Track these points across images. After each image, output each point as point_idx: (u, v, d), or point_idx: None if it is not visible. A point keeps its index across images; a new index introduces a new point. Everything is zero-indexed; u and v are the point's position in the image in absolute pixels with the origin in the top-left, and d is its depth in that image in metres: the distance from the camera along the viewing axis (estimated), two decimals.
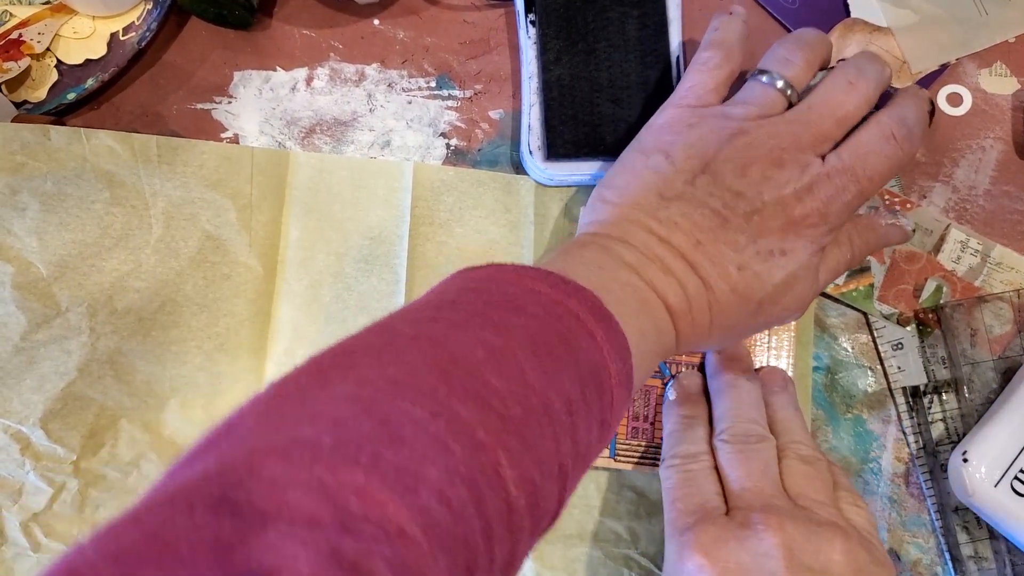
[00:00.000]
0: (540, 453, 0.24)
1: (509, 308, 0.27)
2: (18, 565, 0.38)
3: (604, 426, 0.28)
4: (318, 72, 0.43)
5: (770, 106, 0.34)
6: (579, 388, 0.26)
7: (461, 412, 0.22)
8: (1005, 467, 0.36)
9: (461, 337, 0.25)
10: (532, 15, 0.41)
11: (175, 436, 0.39)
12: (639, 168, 0.34)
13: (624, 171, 0.35)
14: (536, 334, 0.26)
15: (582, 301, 0.28)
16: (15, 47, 0.40)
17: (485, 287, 0.28)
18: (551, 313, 0.27)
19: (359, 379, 0.23)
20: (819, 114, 0.33)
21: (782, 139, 0.32)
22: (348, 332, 0.40)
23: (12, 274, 0.38)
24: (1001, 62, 0.43)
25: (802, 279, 0.32)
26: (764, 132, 0.32)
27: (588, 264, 0.31)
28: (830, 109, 0.33)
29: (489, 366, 0.24)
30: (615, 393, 0.28)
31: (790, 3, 0.43)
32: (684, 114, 0.34)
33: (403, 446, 0.21)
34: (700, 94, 0.35)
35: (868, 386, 0.41)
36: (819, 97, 0.33)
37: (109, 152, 0.40)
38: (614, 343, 0.28)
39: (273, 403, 0.22)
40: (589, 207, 0.35)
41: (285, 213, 0.41)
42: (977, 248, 0.40)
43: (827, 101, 0.33)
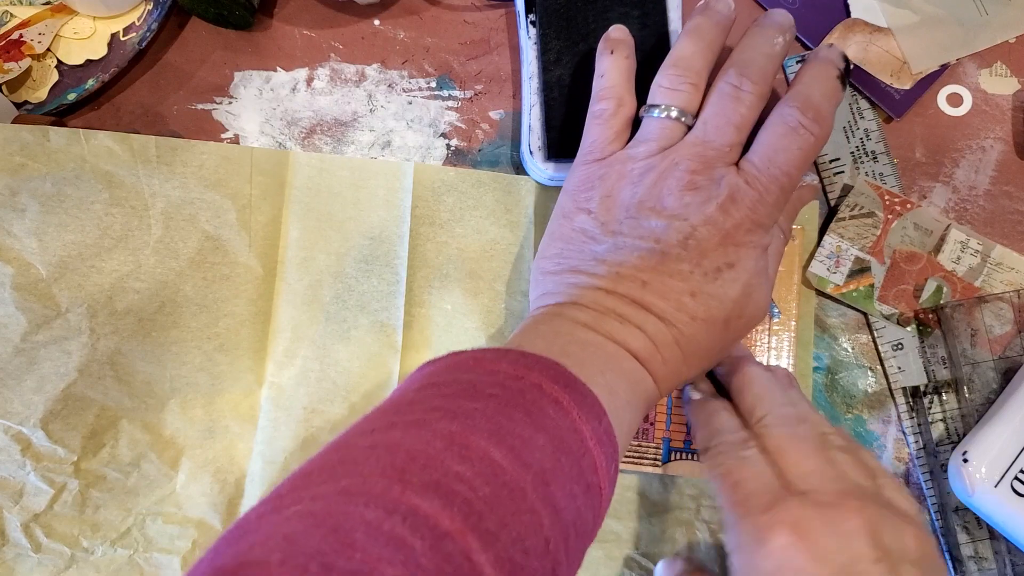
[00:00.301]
0: (519, 531, 0.23)
1: (468, 395, 0.26)
2: (19, 565, 0.38)
3: (591, 490, 0.27)
4: (318, 72, 0.43)
5: (669, 137, 0.34)
6: (552, 457, 0.26)
7: (420, 506, 0.22)
8: (1005, 467, 0.36)
9: (418, 434, 0.24)
10: (532, 15, 0.41)
11: (175, 436, 0.39)
12: (567, 232, 0.34)
13: (554, 239, 0.35)
14: (497, 413, 0.26)
15: (543, 371, 0.28)
16: (16, 47, 0.40)
17: (443, 380, 0.28)
18: (512, 390, 0.27)
19: (313, 496, 0.23)
20: (716, 128, 0.33)
21: (689, 163, 0.33)
22: (348, 332, 0.40)
23: (12, 275, 0.38)
24: (1001, 62, 0.43)
25: (756, 285, 0.33)
26: (669, 162, 0.33)
27: (544, 335, 0.31)
28: (725, 120, 0.33)
29: (450, 454, 0.24)
30: (595, 454, 0.27)
31: (790, 3, 0.43)
32: (592, 169, 0.35)
33: (355, 551, 0.20)
34: (603, 146, 0.35)
35: (868, 386, 0.41)
36: (711, 112, 0.33)
37: (108, 153, 0.40)
38: (583, 405, 0.27)
39: (234, 531, 0.23)
40: (533, 284, 0.36)
41: (285, 213, 0.41)
42: (977, 248, 0.40)
43: (719, 114, 0.33)
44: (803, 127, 0.32)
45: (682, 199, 0.32)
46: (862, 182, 0.41)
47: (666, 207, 0.32)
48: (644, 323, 0.32)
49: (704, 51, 0.35)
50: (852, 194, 0.40)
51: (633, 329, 0.31)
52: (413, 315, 0.40)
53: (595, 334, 0.31)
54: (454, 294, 0.40)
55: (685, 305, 0.32)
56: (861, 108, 0.42)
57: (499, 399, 0.26)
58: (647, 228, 0.32)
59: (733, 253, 0.32)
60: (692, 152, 0.33)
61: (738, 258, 0.32)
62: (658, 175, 0.33)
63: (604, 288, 0.32)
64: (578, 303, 0.32)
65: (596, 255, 0.33)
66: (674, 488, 0.40)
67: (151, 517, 0.39)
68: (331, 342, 0.40)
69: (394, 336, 0.40)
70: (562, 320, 0.32)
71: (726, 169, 0.33)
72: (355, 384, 0.40)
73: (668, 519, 0.39)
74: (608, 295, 0.32)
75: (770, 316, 0.39)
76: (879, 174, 0.41)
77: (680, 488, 0.40)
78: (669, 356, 0.32)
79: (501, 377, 0.27)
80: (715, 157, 0.33)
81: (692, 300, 0.32)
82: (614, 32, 0.37)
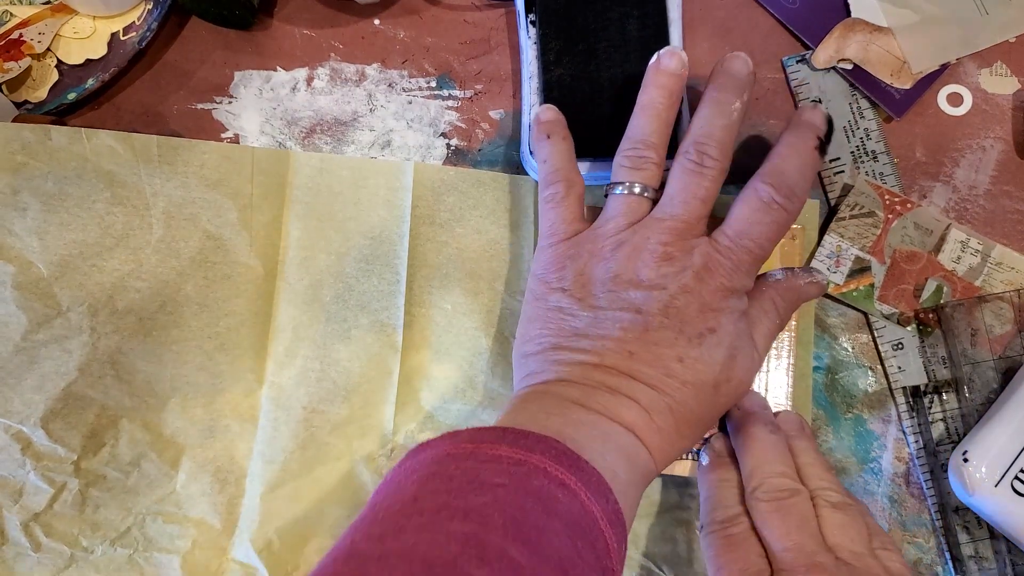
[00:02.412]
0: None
1: (473, 488, 0.26)
2: (19, 565, 0.38)
3: (606, 574, 0.27)
4: (319, 72, 0.43)
5: (635, 212, 0.34)
6: (569, 544, 0.25)
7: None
8: (1005, 467, 0.36)
9: (432, 539, 0.24)
10: (532, 15, 0.41)
11: (175, 436, 0.39)
12: (543, 313, 0.34)
13: (531, 322, 0.35)
14: (508, 505, 0.25)
15: (545, 452, 0.27)
16: (16, 47, 0.41)
17: (444, 471, 0.27)
18: (517, 475, 0.26)
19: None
20: (682, 202, 0.34)
21: (660, 235, 0.33)
22: (348, 331, 0.40)
23: (13, 274, 0.39)
24: (1001, 62, 0.43)
25: (741, 348, 0.33)
26: (640, 236, 0.33)
27: (535, 414, 0.30)
28: (690, 195, 0.34)
29: (467, 558, 0.23)
30: (607, 536, 0.27)
31: (790, 3, 0.43)
32: (560, 250, 0.35)
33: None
34: (565, 227, 0.35)
35: (868, 386, 0.41)
36: (676, 188, 0.34)
37: (110, 152, 0.40)
38: (591, 485, 0.27)
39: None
40: (516, 368, 0.35)
41: (286, 213, 0.41)
42: (977, 248, 0.40)
43: (683, 189, 0.34)
44: (776, 203, 0.33)
45: (658, 270, 0.33)
46: (862, 182, 0.41)
47: (643, 279, 0.33)
48: (636, 393, 0.32)
49: (660, 126, 0.35)
50: (852, 194, 0.40)
51: (625, 400, 0.31)
52: (413, 315, 0.40)
53: (587, 411, 0.31)
54: (454, 294, 0.40)
55: (674, 371, 0.32)
56: (861, 108, 0.42)
57: (507, 488, 0.26)
58: (627, 299, 0.33)
59: (713, 318, 0.32)
60: (662, 226, 0.33)
61: (718, 323, 0.32)
62: (631, 249, 0.33)
63: (590, 362, 0.32)
64: (566, 379, 0.32)
65: (577, 330, 0.33)
66: (674, 488, 0.40)
67: (151, 517, 0.39)
68: (331, 342, 0.40)
69: (394, 336, 0.40)
70: (552, 398, 0.31)
71: (697, 240, 0.33)
72: (355, 384, 0.40)
73: (668, 519, 0.39)
74: (595, 368, 0.32)
75: None
76: (879, 174, 0.41)
77: (680, 488, 0.40)
78: (663, 424, 0.32)
79: (504, 464, 0.27)
80: (685, 229, 0.33)
81: (680, 365, 0.32)
82: (544, 114, 0.37)
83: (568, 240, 0.35)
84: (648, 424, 0.31)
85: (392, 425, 0.40)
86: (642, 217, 0.34)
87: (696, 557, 0.39)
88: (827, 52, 0.42)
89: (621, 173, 0.35)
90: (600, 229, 0.35)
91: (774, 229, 0.33)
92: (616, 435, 0.31)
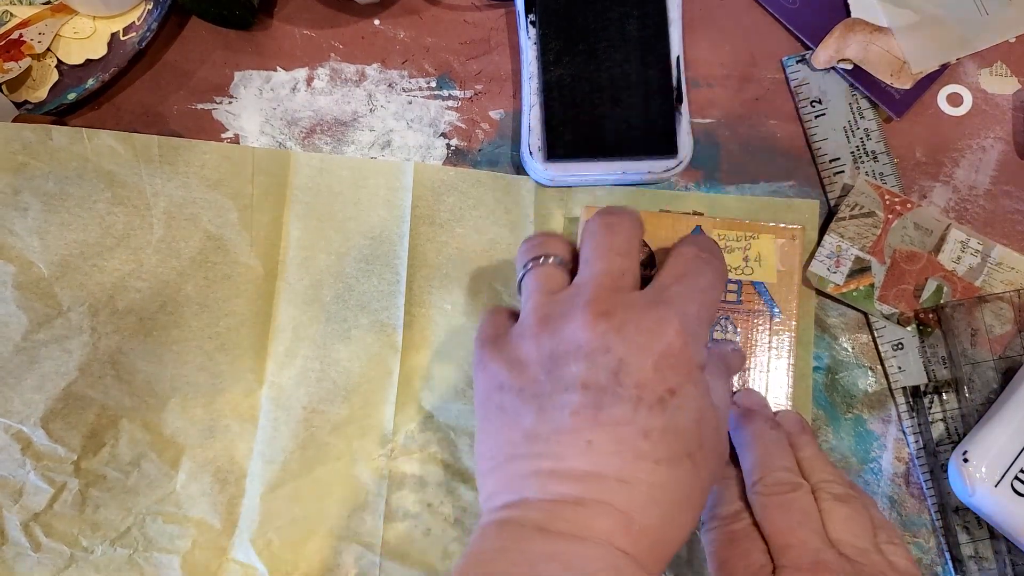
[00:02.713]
0: None
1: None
2: (18, 565, 0.38)
3: None
4: (319, 72, 0.43)
5: (552, 281, 0.31)
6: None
7: None
8: (1005, 467, 0.36)
9: None
10: (532, 15, 0.41)
11: (175, 436, 0.39)
12: (490, 419, 0.30)
13: (483, 434, 0.31)
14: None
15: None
16: (16, 47, 0.41)
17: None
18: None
19: None
20: (600, 257, 0.31)
21: (590, 292, 0.29)
22: (349, 331, 0.40)
23: (14, 274, 0.39)
24: (1001, 62, 0.43)
25: (706, 407, 0.29)
26: (566, 302, 0.30)
27: (493, 563, 0.26)
28: (605, 248, 0.31)
29: None
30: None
31: (790, 3, 0.43)
32: (486, 351, 0.31)
33: None
34: (492, 336, 0.32)
35: (868, 386, 0.41)
36: (588, 249, 0.31)
37: (111, 152, 0.40)
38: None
39: None
40: (479, 487, 0.31)
41: (286, 213, 0.41)
42: (977, 248, 0.40)
43: (598, 246, 0.31)
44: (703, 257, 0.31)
45: (596, 328, 0.28)
46: (862, 182, 0.41)
47: (582, 344, 0.28)
48: (606, 494, 0.27)
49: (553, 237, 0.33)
50: (852, 194, 0.40)
51: (595, 507, 0.27)
52: (413, 315, 0.40)
53: (552, 540, 0.26)
54: (454, 294, 0.40)
55: (642, 451, 0.27)
56: (861, 108, 0.42)
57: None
58: (570, 375, 0.28)
59: (671, 377, 0.28)
60: (589, 283, 0.30)
61: (677, 381, 0.28)
62: (560, 317, 0.29)
63: (547, 469, 0.28)
64: (524, 500, 0.28)
65: (527, 432, 0.28)
66: None
67: (151, 517, 0.39)
68: (331, 342, 0.40)
69: (394, 336, 0.40)
70: (510, 531, 0.27)
71: (629, 293, 0.30)
72: (355, 384, 0.40)
73: None
74: (552, 477, 0.28)
75: (771, 315, 0.39)
76: (879, 174, 0.41)
77: None
78: (648, 521, 0.27)
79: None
80: (612, 283, 0.30)
81: (647, 442, 0.27)
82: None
83: (495, 341, 0.31)
84: (628, 528, 0.27)
85: (392, 425, 0.40)
86: (563, 287, 0.31)
87: (696, 557, 0.39)
88: (827, 52, 0.42)
89: (524, 257, 0.32)
90: (523, 315, 0.31)
91: (709, 277, 0.31)
92: (592, 561, 0.26)
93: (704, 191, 0.42)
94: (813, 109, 0.42)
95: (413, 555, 0.39)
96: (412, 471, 0.39)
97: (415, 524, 0.39)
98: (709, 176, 0.42)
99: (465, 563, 0.27)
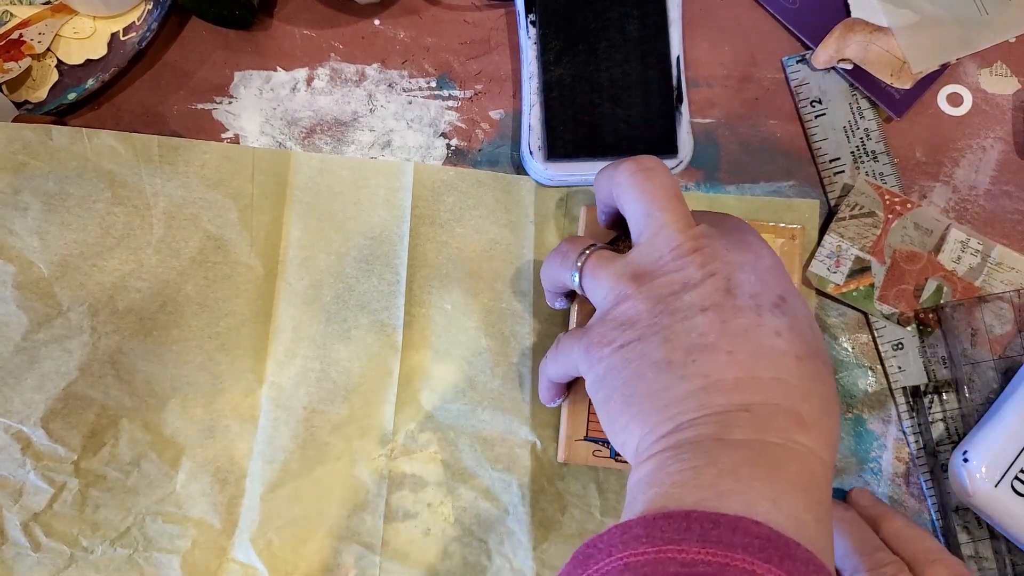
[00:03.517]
0: None
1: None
2: (18, 565, 0.38)
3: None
4: (319, 72, 0.43)
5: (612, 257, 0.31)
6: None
7: None
8: (1005, 467, 0.36)
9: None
10: (532, 15, 0.41)
11: (175, 436, 0.39)
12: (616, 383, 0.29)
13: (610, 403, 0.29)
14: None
15: (747, 546, 0.22)
16: (16, 47, 0.41)
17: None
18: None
19: None
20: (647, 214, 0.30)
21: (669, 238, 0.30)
22: (349, 331, 0.40)
23: (14, 273, 0.39)
24: (1001, 62, 0.43)
25: (811, 315, 0.30)
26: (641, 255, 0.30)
27: (700, 476, 0.25)
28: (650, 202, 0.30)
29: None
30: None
31: (790, 3, 0.43)
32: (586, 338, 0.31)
33: None
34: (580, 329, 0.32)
35: (868, 386, 0.41)
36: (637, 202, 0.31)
37: (111, 152, 0.40)
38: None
39: None
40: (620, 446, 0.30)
41: (286, 213, 0.41)
42: (977, 248, 0.40)
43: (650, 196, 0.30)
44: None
45: (694, 261, 0.28)
46: (862, 182, 0.41)
47: (687, 278, 0.28)
48: (767, 395, 0.27)
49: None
50: (852, 194, 0.40)
51: (763, 409, 0.26)
52: (413, 315, 0.40)
53: (739, 447, 0.25)
54: (454, 294, 0.40)
55: (781, 349, 0.27)
56: (861, 108, 0.42)
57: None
58: (685, 306, 0.28)
59: (777, 285, 0.29)
60: (663, 230, 0.30)
61: (784, 288, 0.29)
62: (650, 269, 0.29)
63: (698, 387, 0.27)
64: (689, 421, 0.27)
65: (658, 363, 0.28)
66: None
67: (151, 516, 0.39)
68: (331, 342, 0.40)
69: (394, 336, 0.40)
70: (691, 450, 0.26)
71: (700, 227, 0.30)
72: (355, 384, 0.40)
73: None
74: (707, 391, 0.27)
75: None
76: (879, 174, 0.41)
77: None
78: (814, 414, 0.27)
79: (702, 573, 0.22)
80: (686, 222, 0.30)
81: (782, 340, 0.27)
82: None
83: (587, 332, 0.31)
84: (801, 423, 0.26)
85: (392, 425, 0.40)
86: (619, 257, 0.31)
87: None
88: (827, 52, 0.42)
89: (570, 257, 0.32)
90: (602, 294, 0.31)
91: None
92: (786, 459, 0.25)
93: (704, 191, 0.42)
94: (813, 109, 0.42)
95: (413, 555, 0.39)
96: (412, 471, 0.39)
97: (415, 524, 0.39)
98: (709, 176, 0.42)
99: (657, 494, 0.25)
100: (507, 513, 0.39)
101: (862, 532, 0.36)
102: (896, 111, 0.42)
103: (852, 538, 0.35)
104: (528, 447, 0.40)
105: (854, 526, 0.36)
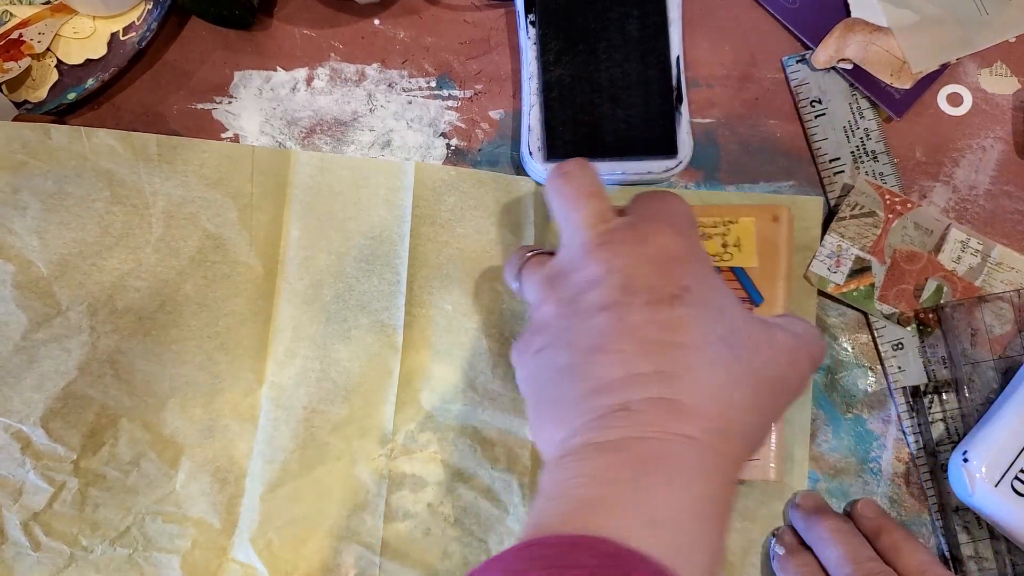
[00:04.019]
0: None
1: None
2: (18, 564, 0.38)
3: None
4: (318, 72, 0.43)
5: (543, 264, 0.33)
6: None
7: None
8: (1005, 467, 0.36)
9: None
10: (532, 15, 0.41)
11: (175, 435, 0.39)
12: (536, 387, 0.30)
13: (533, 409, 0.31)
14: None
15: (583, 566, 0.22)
16: (15, 47, 0.41)
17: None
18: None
19: None
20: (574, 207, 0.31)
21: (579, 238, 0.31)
22: (349, 331, 0.40)
23: (13, 273, 0.38)
24: (1001, 62, 0.43)
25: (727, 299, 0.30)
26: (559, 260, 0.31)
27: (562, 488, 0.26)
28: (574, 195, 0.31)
29: None
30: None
31: (790, 3, 0.43)
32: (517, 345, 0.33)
33: None
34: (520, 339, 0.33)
35: (868, 386, 0.41)
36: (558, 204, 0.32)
37: (110, 151, 0.40)
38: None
39: None
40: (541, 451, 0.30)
41: (286, 212, 0.41)
42: (977, 248, 0.40)
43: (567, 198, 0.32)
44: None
45: (597, 257, 0.29)
46: (862, 182, 0.41)
47: (590, 276, 0.29)
48: (646, 390, 0.26)
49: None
50: (852, 194, 0.40)
51: (640, 405, 0.26)
52: (413, 315, 0.40)
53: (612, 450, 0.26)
54: (454, 294, 0.40)
55: (669, 342, 0.27)
56: (861, 108, 0.42)
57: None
58: (587, 306, 0.28)
59: (681, 275, 0.28)
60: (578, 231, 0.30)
61: (688, 279, 0.28)
62: (563, 271, 0.30)
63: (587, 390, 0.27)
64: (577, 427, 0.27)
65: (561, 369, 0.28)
66: None
67: (151, 516, 0.39)
68: (331, 342, 0.40)
69: (394, 336, 0.40)
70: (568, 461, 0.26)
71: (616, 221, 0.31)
72: (355, 384, 0.40)
73: None
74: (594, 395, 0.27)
75: (752, 301, 0.39)
76: (879, 174, 0.41)
77: None
78: (700, 403, 0.26)
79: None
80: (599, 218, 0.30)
81: (672, 334, 0.27)
82: None
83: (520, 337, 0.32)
84: (679, 413, 0.26)
85: (392, 425, 0.40)
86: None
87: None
88: (827, 52, 0.42)
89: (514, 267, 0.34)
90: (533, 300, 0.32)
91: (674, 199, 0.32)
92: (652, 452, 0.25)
93: (704, 191, 0.42)
94: (813, 109, 0.42)
95: (413, 555, 0.39)
96: (412, 471, 0.39)
97: (415, 524, 0.39)
98: (709, 176, 0.42)
99: (534, 513, 0.26)
100: (507, 513, 0.39)
101: (856, 543, 0.36)
102: (896, 111, 0.42)
103: (845, 548, 0.36)
104: (528, 447, 0.40)
105: (848, 536, 0.36)
